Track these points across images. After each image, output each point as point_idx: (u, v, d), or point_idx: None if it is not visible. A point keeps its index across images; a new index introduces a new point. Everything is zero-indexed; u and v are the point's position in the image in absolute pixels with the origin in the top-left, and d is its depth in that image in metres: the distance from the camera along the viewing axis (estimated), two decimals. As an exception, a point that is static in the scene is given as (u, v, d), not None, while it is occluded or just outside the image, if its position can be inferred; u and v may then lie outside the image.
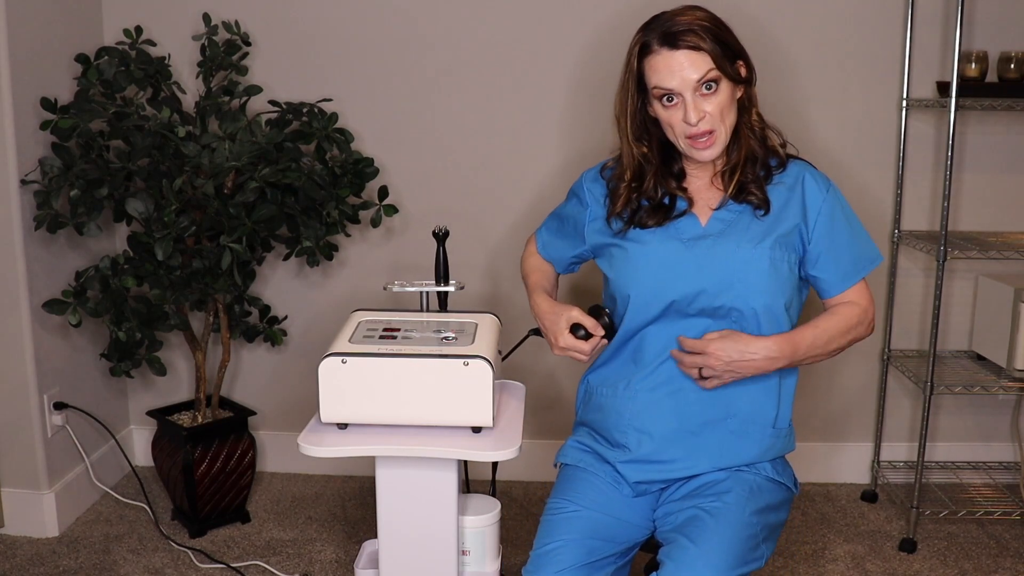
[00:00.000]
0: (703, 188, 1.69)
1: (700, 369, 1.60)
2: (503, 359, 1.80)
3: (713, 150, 1.61)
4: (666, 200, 1.68)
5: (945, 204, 2.34)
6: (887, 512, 2.68)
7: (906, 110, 2.60)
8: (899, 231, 2.65)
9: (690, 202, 1.67)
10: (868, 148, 2.64)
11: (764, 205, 1.63)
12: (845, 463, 2.84)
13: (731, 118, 1.61)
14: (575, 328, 1.67)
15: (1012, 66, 2.43)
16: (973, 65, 2.46)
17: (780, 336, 1.60)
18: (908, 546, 2.45)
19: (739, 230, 1.63)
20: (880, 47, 2.58)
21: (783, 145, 1.70)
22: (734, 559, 1.46)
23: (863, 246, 1.69)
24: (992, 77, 2.49)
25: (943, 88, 2.53)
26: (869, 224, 2.65)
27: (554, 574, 1.51)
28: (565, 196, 1.87)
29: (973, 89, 2.44)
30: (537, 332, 1.80)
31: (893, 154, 2.64)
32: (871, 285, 1.74)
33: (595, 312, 1.70)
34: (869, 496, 2.75)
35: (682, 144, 1.62)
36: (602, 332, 1.68)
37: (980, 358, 2.68)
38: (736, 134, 1.64)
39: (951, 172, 2.33)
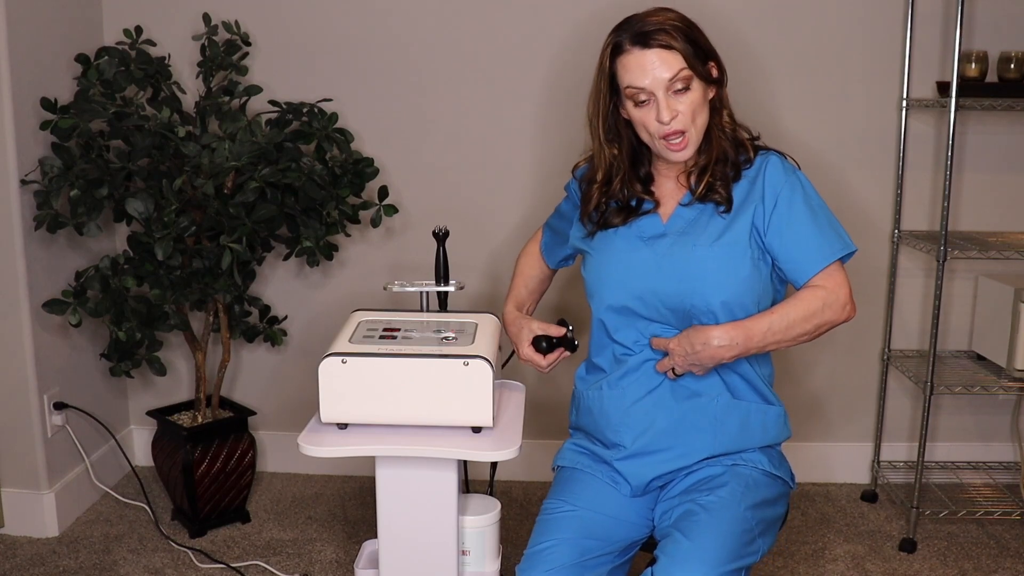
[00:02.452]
0: (672, 189, 1.70)
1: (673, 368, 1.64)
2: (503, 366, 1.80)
3: (686, 152, 1.62)
4: (633, 202, 1.70)
5: (945, 204, 2.34)
6: (887, 512, 2.68)
7: (906, 110, 2.60)
8: (899, 231, 2.65)
9: (656, 203, 1.70)
10: (868, 148, 2.64)
11: (726, 203, 1.63)
12: (845, 463, 2.84)
13: (702, 118, 1.62)
14: (537, 341, 1.76)
15: (1012, 66, 2.43)
16: (973, 65, 2.46)
17: (731, 324, 1.58)
18: (908, 546, 2.45)
19: (698, 228, 1.64)
20: (880, 47, 2.58)
21: (752, 140, 1.70)
22: (728, 553, 1.46)
23: (830, 234, 1.62)
24: (992, 77, 2.49)
25: (943, 88, 2.53)
26: (869, 224, 2.67)
27: (545, 572, 1.52)
28: (564, 197, 1.90)
29: (973, 89, 2.44)
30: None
31: (893, 154, 2.64)
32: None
33: (560, 325, 1.77)
34: (869, 496, 2.75)
35: (656, 144, 1.63)
36: (562, 347, 1.75)
37: (980, 358, 2.68)
38: (707, 134, 1.65)
39: (951, 172, 2.33)
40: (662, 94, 1.57)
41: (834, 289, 1.59)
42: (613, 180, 1.70)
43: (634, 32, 1.58)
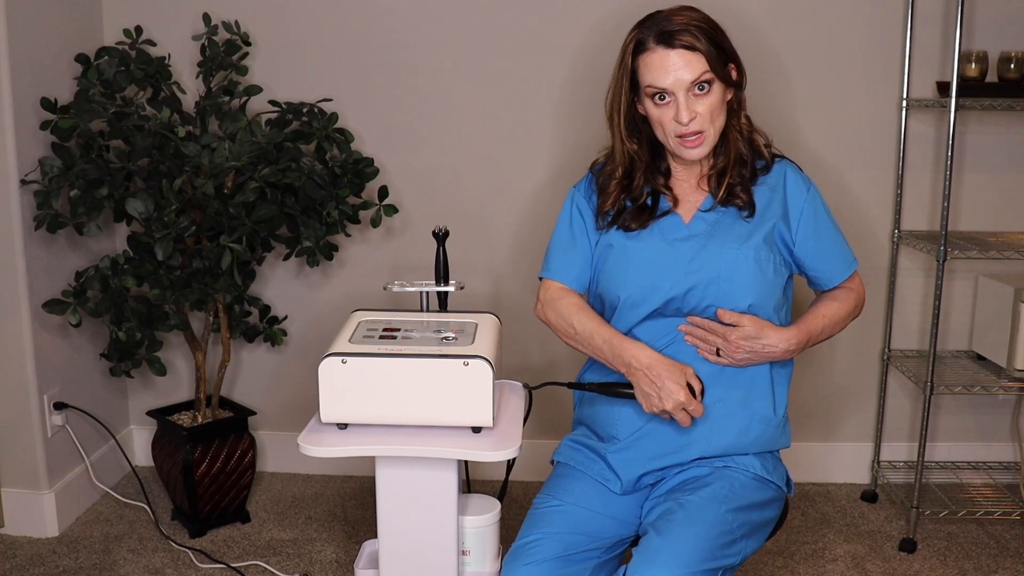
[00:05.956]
0: (689, 190, 1.72)
1: (717, 348, 1.63)
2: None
3: (701, 150, 1.63)
4: (649, 201, 1.70)
5: (945, 204, 2.34)
6: (887, 512, 2.68)
7: (906, 110, 2.60)
8: (899, 231, 2.65)
9: (674, 202, 1.70)
10: (868, 148, 2.64)
11: (749, 207, 1.66)
12: (845, 463, 2.84)
13: (720, 120, 1.64)
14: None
15: (1012, 66, 2.43)
16: (973, 65, 2.46)
17: (796, 328, 1.66)
18: (908, 546, 2.45)
19: (724, 230, 1.66)
20: (880, 47, 2.58)
21: (768, 146, 1.73)
22: (700, 554, 1.46)
23: (845, 242, 1.76)
24: (992, 77, 2.49)
25: (943, 88, 2.53)
26: (869, 224, 2.68)
27: (528, 565, 1.53)
28: (564, 197, 1.83)
29: (973, 89, 2.44)
30: (614, 390, 1.69)
31: (893, 154, 2.64)
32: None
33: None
34: (869, 496, 2.75)
35: (671, 142, 1.64)
36: (702, 397, 1.61)
37: (980, 358, 2.68)
38: (724, 136, 1.67)
39: (951, 172, 2.33)
40: (682, 95, 1.58)
41: (858, 289, 1.77)
42: (634, 175, 1.70)
43: (658, 31, 1.58)
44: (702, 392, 1.62)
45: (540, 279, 1.80)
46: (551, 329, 1.78)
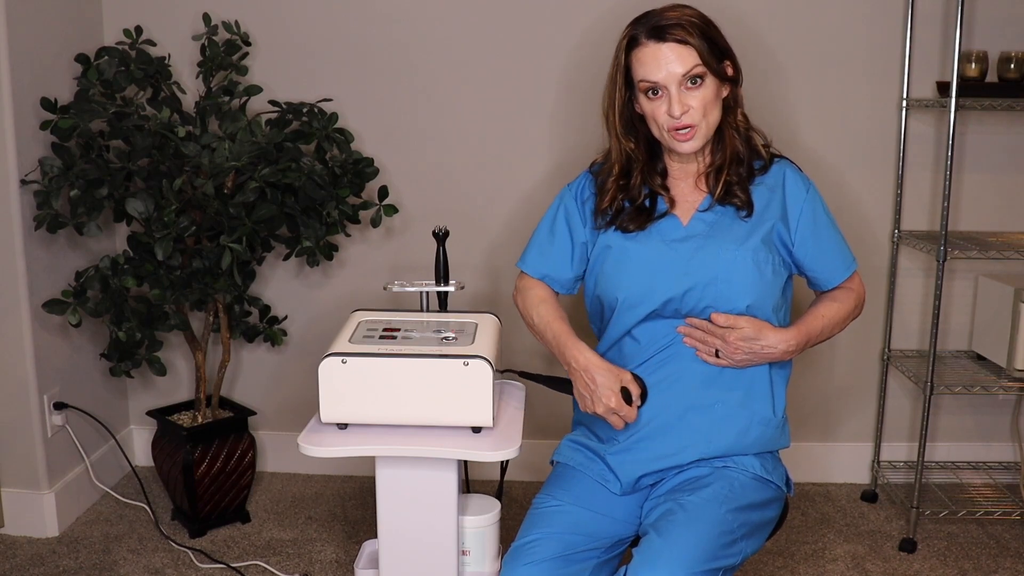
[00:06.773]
0: (687, 190, 1.72)
1: (716, 350, 1.63)
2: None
3: (693, 143, 1.63)
4: (647, 203, 1.70)
5: (945, 204, 2.34)
6: (887, 512, 2.68)
7: (906, 110, 2.60)
8: (899, 231, 2.65)
9: (671, 203, 1.70)
10: (868, 148, 2.64)
11: (747, 207, 1.66)
12: (845, 463, 2.84)
13: (714, 115, 1.64)
14: (623, 392, 1.62)
15: (1012, 66, 2.43)
16: (973, 65, 2.46)
17: (795, 329, 1.66)
18: (908, 546, 2.45)
19: (722, 230, 1.66)
20: (880, 47, 2.58)
21: (766, 145, 1.73)
22: (701, 554, 1.46)
23: (845, 242, 1.75)
24: (992, 77, 2.49)
25: (943, 88, 2.53)
26: (869, 224, 2.68)
27: (527, 565, 1.53)
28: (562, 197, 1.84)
29: (973, 89, 2.44)
30: (557, 384, 1.74)
31: (893, 154, 2.64)
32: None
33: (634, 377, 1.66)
34: (869, 496, 2.75)
35: (665, 136, 1.65)
36: (642, 402, 1.64)
37: (980, 358, 2.68)
38: (720, 134, 1.67)
39: (951, 172, 2.33)
40: (674, 88, 1.59)
41: (858, 289, 1.76)
42: (632, 174, 1.70)
43: (651, 26, 1.60)
44: (642, 397, 1.62)
45: (519, 268, 1.86)
46: (520, 316, 1.84)
